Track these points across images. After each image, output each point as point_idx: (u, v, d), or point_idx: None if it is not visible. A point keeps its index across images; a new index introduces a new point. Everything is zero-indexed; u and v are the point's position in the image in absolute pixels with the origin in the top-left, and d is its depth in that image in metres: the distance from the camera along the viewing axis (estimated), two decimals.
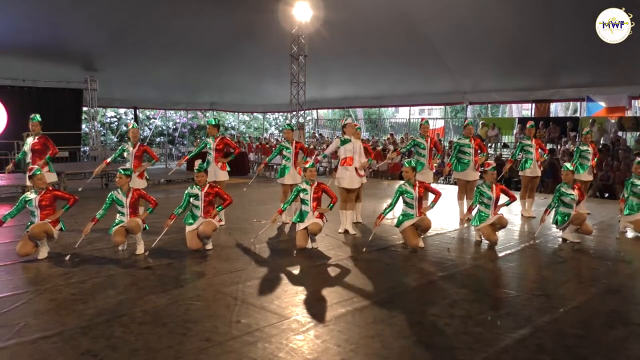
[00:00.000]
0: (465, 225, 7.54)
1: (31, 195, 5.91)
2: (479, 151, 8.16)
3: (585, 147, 8.75)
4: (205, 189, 6.27)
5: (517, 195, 7.92)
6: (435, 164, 8.40)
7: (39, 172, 5.95)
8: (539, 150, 8.64)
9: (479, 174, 7.93)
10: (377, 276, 5.34)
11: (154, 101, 22.67)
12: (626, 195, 7.43)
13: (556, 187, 6.98)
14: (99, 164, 8.87)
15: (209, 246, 6.28)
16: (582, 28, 12.06)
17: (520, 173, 8.66)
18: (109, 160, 7.89)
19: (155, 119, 26.40)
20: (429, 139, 8.05)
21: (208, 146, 7.76)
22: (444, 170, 9.94)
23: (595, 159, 8.93)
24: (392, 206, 6.48)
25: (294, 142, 7.90)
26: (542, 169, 8.95)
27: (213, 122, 7.90)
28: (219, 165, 7.66)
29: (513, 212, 8.58)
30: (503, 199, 6.79)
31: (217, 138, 7.76)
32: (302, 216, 6.38)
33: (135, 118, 22.72)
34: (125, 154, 7.72)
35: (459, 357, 3.46)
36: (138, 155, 7.69)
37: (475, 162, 8.06)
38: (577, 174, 8.37)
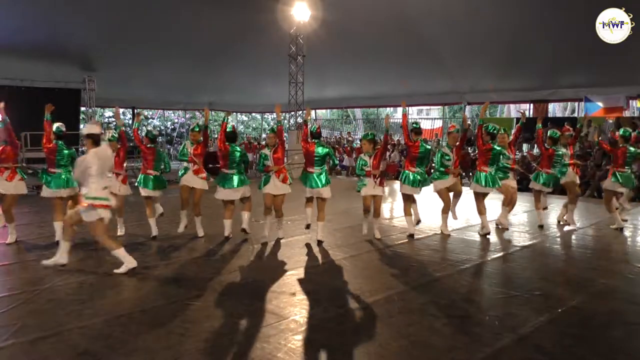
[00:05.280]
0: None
1: None
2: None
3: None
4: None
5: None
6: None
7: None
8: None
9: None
10: (375, 276, 5.34)
11: (152, 101, 22.64)
12: None
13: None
14: None
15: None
16: (581, 28, 12.07)
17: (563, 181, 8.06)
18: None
19: (153, 119, 26.36)
20: (570, 146, 8.11)
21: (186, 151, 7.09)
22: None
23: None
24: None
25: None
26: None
27: (197, 129, 7.14)
28: (199, 176, 7.00)
29: (512, 213, 8.57)
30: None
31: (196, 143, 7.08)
32: (266, 181, 6.66)
33: (134, 118, 22.68)
34: None
35: (457, 357, 3.46)
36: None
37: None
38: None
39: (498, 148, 7.18)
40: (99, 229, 5.16)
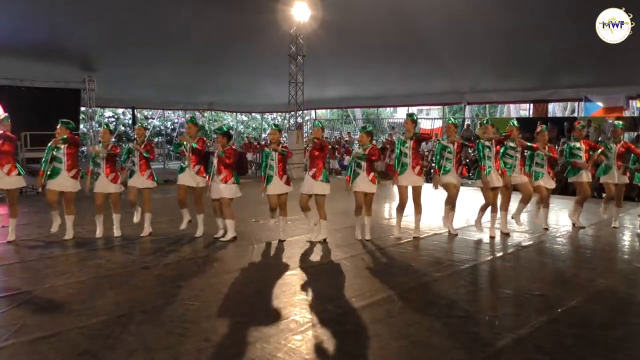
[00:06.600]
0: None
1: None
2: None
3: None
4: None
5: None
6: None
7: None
8: (590, 152, 7.64)
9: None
10: (375, 276, 5.33)
11: (152, 101, 22.64)
12: None
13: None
14: None
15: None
16: (581, 28, 12.07)
17: (571, 179, 7.71)
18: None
19: (153, 119, 26.34)
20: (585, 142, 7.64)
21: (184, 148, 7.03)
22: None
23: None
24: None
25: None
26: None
27: (193, 121, 7.14)
28: (195, 170, 6.97)
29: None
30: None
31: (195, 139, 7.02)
32: (268, 180, 6.70)
33: (134, 118, 22.69)
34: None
35: (457, 357, 3.45)
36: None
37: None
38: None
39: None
40: None
